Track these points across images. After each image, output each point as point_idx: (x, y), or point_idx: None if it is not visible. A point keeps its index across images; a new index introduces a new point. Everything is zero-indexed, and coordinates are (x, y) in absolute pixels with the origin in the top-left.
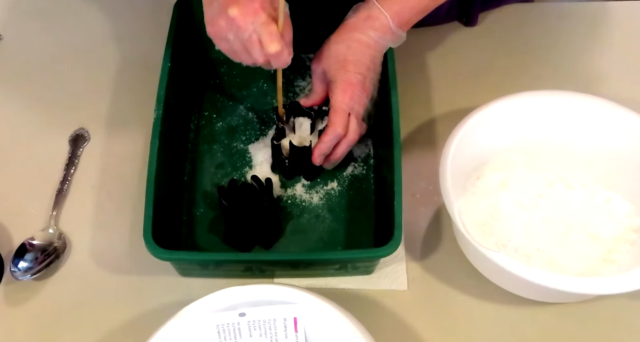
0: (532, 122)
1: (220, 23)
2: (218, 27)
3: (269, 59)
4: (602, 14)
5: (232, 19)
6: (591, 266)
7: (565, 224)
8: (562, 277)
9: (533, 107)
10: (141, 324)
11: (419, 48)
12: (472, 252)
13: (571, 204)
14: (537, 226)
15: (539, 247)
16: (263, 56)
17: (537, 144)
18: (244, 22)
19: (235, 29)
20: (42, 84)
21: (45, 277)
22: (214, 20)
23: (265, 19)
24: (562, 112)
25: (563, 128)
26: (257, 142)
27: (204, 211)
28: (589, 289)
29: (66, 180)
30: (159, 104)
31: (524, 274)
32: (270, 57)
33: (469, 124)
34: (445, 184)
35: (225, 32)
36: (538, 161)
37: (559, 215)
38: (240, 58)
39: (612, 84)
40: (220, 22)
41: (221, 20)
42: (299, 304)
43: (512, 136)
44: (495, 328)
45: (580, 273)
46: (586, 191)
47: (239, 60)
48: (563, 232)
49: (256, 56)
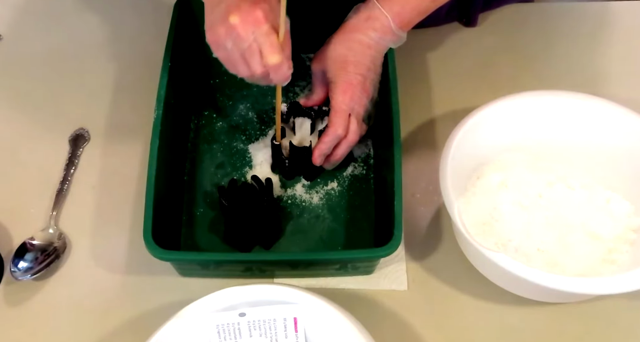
0: (532, 122)
1: (220, 30)
2: (217, 34)
3: (268, 71)
4: (602, 14)
5: (233, 27)
6: (591, 266)
7: (565, 224)
8: (562, 277)
9: (533, 107)
10: (141, 324)
11: (420, 49)
12: (472, 252)
13: (571, 204)
14: (537, 226)
15: (539, 247)
16: (262, 67)
17: (537, 144)
18: (245, 31)
19: (235, 37)
20: (42, 83)
21: (45, 277)
22: (214, 27)
23: (267, 29)
24: (562, 112)
25: (563, 128)
26: (257, 142)
27: (204, 211)
28: (589, 289)
29: (66, 180)
30: (159, 104)
31: (524, 274)
32: (269, 68)
33: (469, 124)
34: (445, 184)
35: (224, 40)
36: (538, 161)
37: (559, 215)
38: (237, 69)
39: (612, 84)
40: (220, 30)
41: (221, 27)
42: (299, 304)
43: (512, 136)
44: (495, 328)
45: (580, 273)
46: (586, 191)
47: (235, 71)
48: (563, 232)
49: (255, 67)
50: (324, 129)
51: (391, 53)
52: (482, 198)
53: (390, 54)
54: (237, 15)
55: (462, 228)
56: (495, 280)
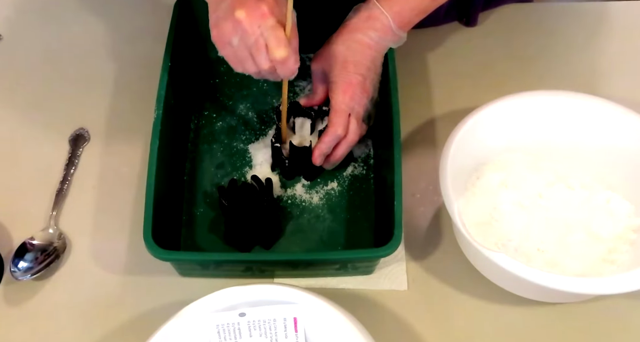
0: (531, 122)
1: (226, 26)
2: (223, 30)
3: (274, 65)
4: (602, 14)
5: (239, 21)
6: (591, 266)
7: (565, 224)
8: (562, 277)
9: (533, 107)
10: (141, 324)
11: (419, 48)
12: (472, 252)
13: (571, 204)
14: (537, 226)
15: (538, 247)
16: (268, 62)
17: (536, 144)
18: (251, 25)
19: (241, 32)
20: (42, 83)
21: (45, 277)
22: (219, 23)
23: (273, 24)
24: (561, 112)
25: (563, 128)
26: (257, 142)
27: (204, 211)
28: (589, 289)
29: (66, 180)
30: (159, 104)
31: (523, 274)
32: (276, 63)
33: (469, 124)
34: (445, 183)
35: (230, 36)
36: (538, 161)
37: (559, 215)
38: (244, 65)
39: (612, 84)
40: (226, 25)
41: (227, 23)
42: (299, 304)
43: (512, 136)
44: (495, 328)
45: (580, 273)
46: (586, 190)
47: (241, 68)
48: (563, 232)
49: (261, 62)
50: (324, 129)
51: (391, 53)
52: (482, 198)
53: (390, 54)
54: (243, 9)
55: (462, 228)
56: (495, 280)
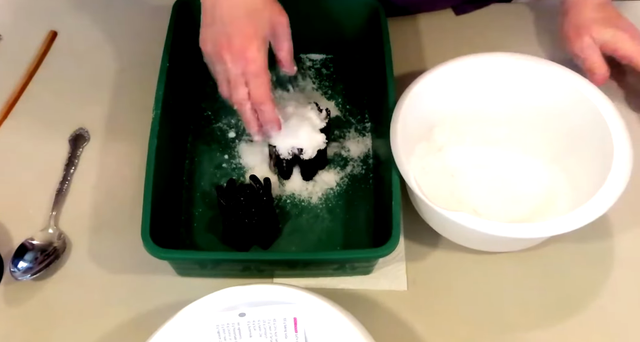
0: (474, 85)
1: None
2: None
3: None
4: None
5: (224, 61)
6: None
7: (505, 186)
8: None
9: (475, 70)
10: (141, 324)
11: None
12: (434, 216)
13: (511, 165)
14: (478, 187)
15: (476, 209)
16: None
17: (478, 107)
18: (235, 67)
19: (224, 68)
20: (42, 83)
21: (45, 277)
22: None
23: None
24: (503, 74)
25: (503, 90)
26: (255, 142)
27: (202, 211)
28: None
29: (66, 180)
30: (157, 104)
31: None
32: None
33: (414, 91)
34: (397, 151)
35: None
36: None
37: (498, 176)
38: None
39: (612, 84)
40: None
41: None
42: (299, 304)
43: (458, 100)
44: (494, 328)
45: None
46: (524, 152)
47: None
48: (498, 192)
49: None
50: (324, 129)
51: (388, 49)
52: (434, 160)
53: (387, 50)
54: (228, 53)
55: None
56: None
